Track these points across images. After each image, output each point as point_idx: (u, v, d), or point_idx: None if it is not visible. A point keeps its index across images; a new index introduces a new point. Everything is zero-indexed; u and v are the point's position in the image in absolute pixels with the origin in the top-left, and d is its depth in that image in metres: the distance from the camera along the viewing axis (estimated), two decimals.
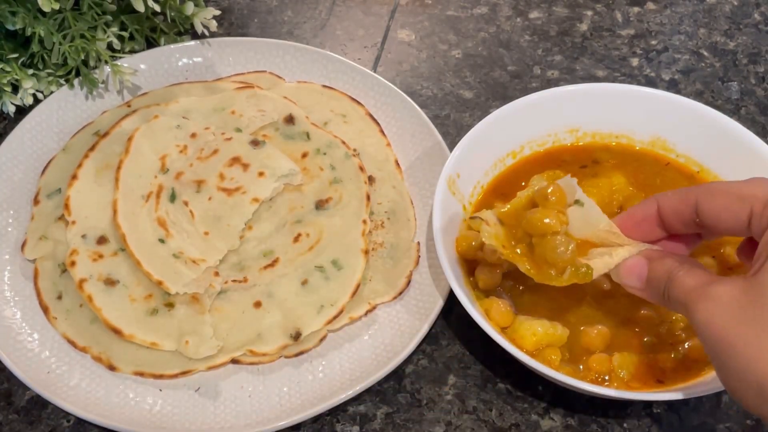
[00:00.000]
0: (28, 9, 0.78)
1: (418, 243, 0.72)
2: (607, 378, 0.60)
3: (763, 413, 0.44)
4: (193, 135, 0.77)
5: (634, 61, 0.91)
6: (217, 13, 0.87)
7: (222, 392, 0.64)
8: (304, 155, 0.77)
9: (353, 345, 0.67)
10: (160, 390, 0.64)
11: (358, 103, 0.82)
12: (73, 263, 0.69)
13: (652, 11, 0.96)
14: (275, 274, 0.69)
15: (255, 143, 0.75)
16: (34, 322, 0.68)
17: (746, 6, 0.97)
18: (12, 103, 0.82)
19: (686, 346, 0.61)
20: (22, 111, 0.82)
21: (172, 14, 0.86)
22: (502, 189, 0.71)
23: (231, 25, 0.94)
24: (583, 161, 0.73)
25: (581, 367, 0.60)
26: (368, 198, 0.73)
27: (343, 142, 0.77)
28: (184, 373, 0.65)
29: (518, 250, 0.58)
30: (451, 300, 0.66)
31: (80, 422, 0.64)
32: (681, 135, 0.72)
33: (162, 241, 0.69)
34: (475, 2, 0.97)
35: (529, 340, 0.60)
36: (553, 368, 0.58)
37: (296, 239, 0.71)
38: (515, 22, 0.95)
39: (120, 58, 0.84)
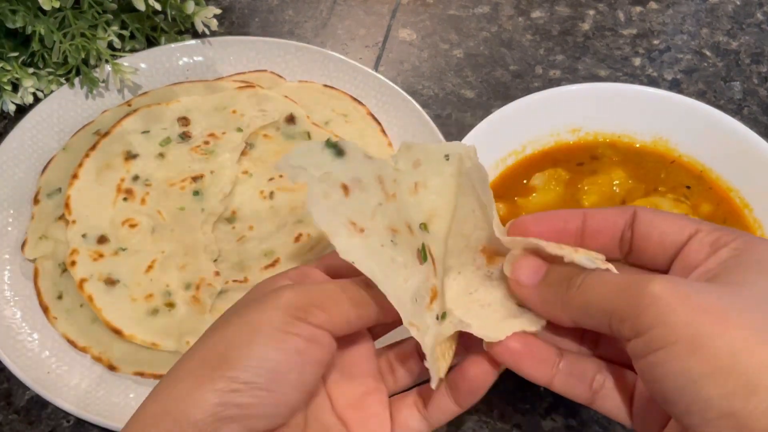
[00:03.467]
0: (28, 7, 0.78)
1: None
2: None
3: (733, 408, 0.33)
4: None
5: (637, 61, 0.90)
6: (218, 12, 0.87)
7: None
8: None
9: None
10: None
11: (360, 102, 0.82)
12: (73, 263, 0.68)
13: (654, 11, 0.96)
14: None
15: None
16: (34, 321, 0.68)
17: (749, 6, 0.97)
18: (12, 102, 0.82)
19: None
20: (22, 110, 0.82)
21: (173, 13, 0.86)
22: (503, 189, 0.71)
23: (232, 24, 0.94)
24: (582, 159, 0.72)
25: None
26: None
27: None
28: None
29: None
30: None
31: (80, 422, 0.64)
32: (683, 135, 0.72)
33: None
34: (476, 1, 0.96)
35: None
36: None
37: (297, 239, 0.71)
38: (517, 21, 0.94)
39: (120, 57, 0.83)
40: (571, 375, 0.45)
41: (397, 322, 0.43)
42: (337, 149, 0.40)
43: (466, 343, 0.45)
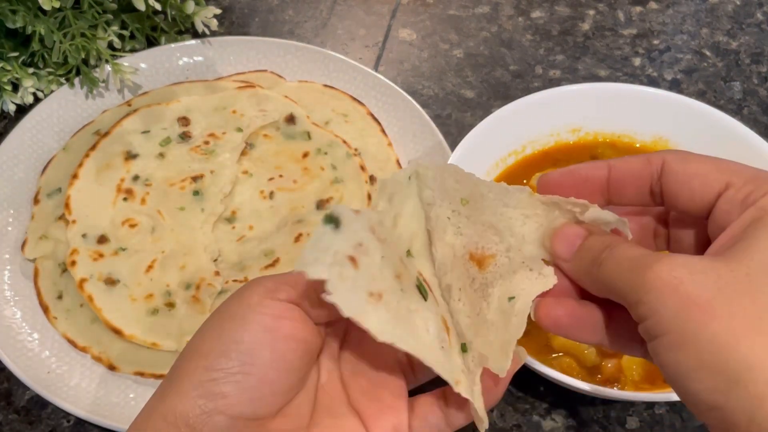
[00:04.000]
0: (28, 7, 0.78)
1: None
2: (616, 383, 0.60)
3: (717, 402, 0.34)
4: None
5: (637, 61, 0.90)
6: (218, 12, 0.87)
7: None
8: (305, 155, 0.77)
9: None
10: None
11: (360, 102, 0.82)
12: (73, 263, 0.68)
13: (654, 11, 0.96)
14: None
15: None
16: (34, 321, 0.68)
17: (749, 6, 0.97)
18: (12, 102, 0.82)
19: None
20: (22, 110, 0.82)
21: (173, 13, 0.86)
22: None
23: (232, 24, 0.94)
24: (582, 158, 0.72)
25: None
26: (369, 198, 0.73)
27: (344, 142, 0.77)
28: None
29: None
30: None
31: (80, 422, 0.64)
32: (683, 135, 0.72)
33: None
34: (476, 1, 0.96)
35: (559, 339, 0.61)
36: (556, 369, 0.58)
37: (297, 239, 0.71)
38: (517, 21, 0.94)
39: (120, 57, 0.83)
40: (619, 334, 0.44)
41: None
42: (335, 222, 0.39)
43: None
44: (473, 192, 0.46)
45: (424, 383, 0.47)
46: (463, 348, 0.44)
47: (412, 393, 0.46)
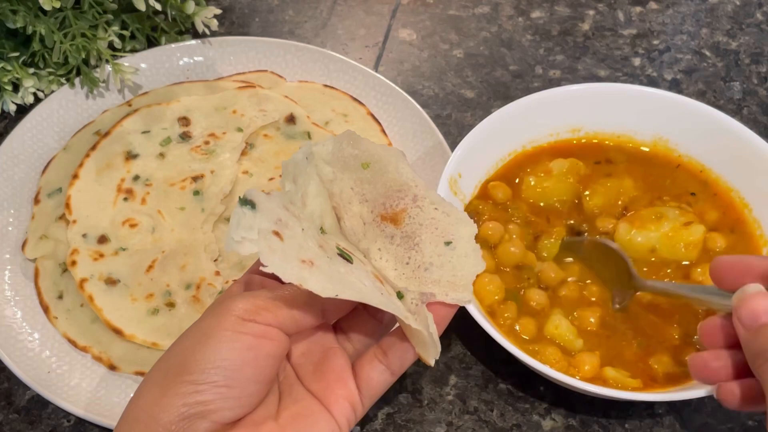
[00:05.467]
0: (29, 7, 0.78)
1: None
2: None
3: None
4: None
5: (636, 61, 0.90)
6: (218, 12, 0.87)
7: None
8: None
9: None
10: None
11: (360, 102, 0.82)
12: (73, 263, 0.68)
13: (654, 11, 0.96)
14: None
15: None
16: (34, 321, 0.68)
17: (748, 6, 0.97)
18: (13, 102, 0.82)
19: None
20: (22, 110, 0.82)
21: (173, 13, 0.86)
22: (510, 172, 0.71)
23: (232, 24, 0.94)
24: (582, 159, 0.72)
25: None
26: None
27: None
28: None
29: None
30: None
31: (80, 422, 0.64)
32: (683, 135, 0.72)
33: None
34: (476, 1, 0.96)
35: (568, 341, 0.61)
36: (555, 368, 0.58)
37: None
38: (517, 21, 0.94)
39: (121, 57, 0.83)
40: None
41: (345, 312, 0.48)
42: (250, 204, 0.43)
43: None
44: (371, 155, 0.50)
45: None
46: (399, 295, 0.47)
47: None
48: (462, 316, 0.60)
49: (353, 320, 0.50)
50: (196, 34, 0.88)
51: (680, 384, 0.59)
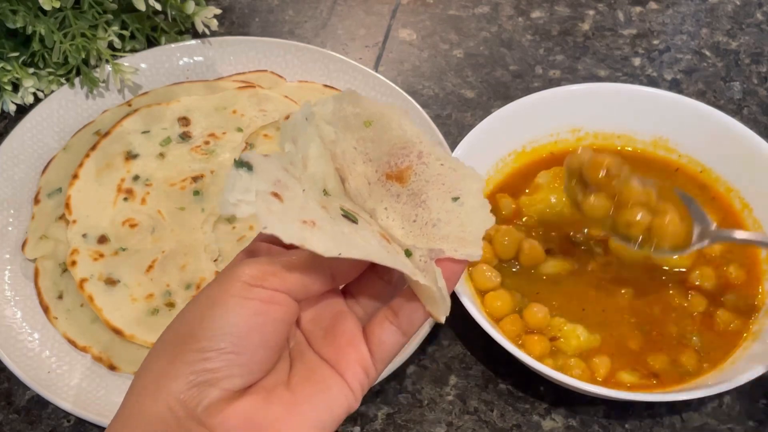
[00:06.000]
0: (28, 7, 0.78)
1: None
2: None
3: None
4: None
5: (636, 61, 0.90)
6: (218, 12, 0.87)
7: None
8: None
9: None
10: None
11: None
12: (73, 263, 0.68)
13: (654, 11, 0.96)
14: None
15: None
16: (34, 321, 0.68)
17: (749, 6, 0.97)
18: (12, 102, 0.82)
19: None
20: (22, 110, 0.82)
21: (173, 13, 0.86)
22: (504, 188, 0.71)
23: (232, 24, 0.94)
24: None
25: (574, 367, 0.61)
26: None
27: None
28: None
29: None
30: (453, 300, 0.66)
31: (80, 422, 0.64)
32: (683, 135, 0.72)
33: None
34: (476, 1, 0.96)
35: (574, 343, 0.61)
36: (554, 368, 0.58)
37: None
38: (517, 21, 0.94)
39: (121, 57, 0.83)
40: None
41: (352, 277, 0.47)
42: (246, 165, 0.41)
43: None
44: (373, 112, 0.48)
45: None
46: (407, 253, 0.46)
47: None
48: (462, 316, 0.60)
49: (362, 283, 0.49)
50: (196, 34, 0.88)
51: (680, 384, 0.59)
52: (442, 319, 0.44)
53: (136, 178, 0.74)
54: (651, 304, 0.63)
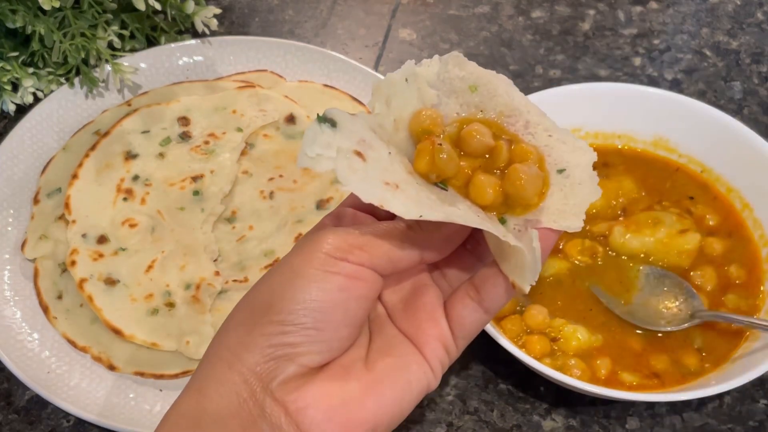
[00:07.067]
0: (28, 7, 0.78)
1: None
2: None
3: None
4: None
5: (637, 61, 0.90)
6: (218, 11, 0.87)
7: None
8: None
9: None
10: (161, 390, 0.64)
11: (360, 102, 0.82)
12: (73, 263, 0.68)
13: (654, 10, 0.96)
14: None
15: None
16: (34, 321, 0.68)
17: (749, 5, 0.97)
18: (12, 102, 0.82)
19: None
20: (22, 110, 0.82)
21: (173, 13, 0.86)
22: None
23: (232, 23, 0.94)
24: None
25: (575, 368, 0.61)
26: None
27: None
28: (184, 373, 0.65)
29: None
30: None
31: (80, 422, 0.64)
32: (684, 135, 0.72)
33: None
34: (476, 1, 0.96)
35: (575, 344, 0.61)
36: (555, 368, 0.58)
37: (297, 239, 0.71)
38: (517, 21, 0.94)
39: (120, 56, 0.83)
40: None
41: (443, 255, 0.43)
42: (330, 122, 0.39)
43: None
44: (479, 77, 0.45)
45: None
46: (501, 220, 0.42)
47: None
48: None
49: (451, 256, 0.45)
50: (195, 34, 0.88)
51: (681, 384, 0.59)
52: (527, 288, 0.41)
53: (135, 178, 0.74)
54: None
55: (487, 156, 0.44)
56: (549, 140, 0.45)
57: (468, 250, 0.46)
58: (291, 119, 0.79)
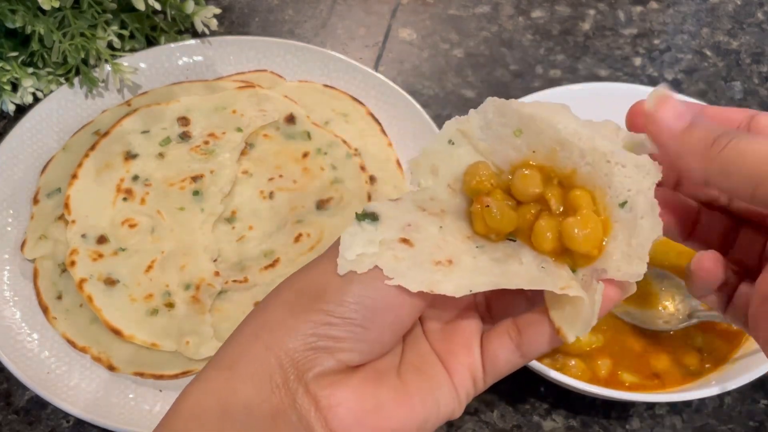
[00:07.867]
0: (28, 7, 0.78)
1: None
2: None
3: None
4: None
5: (637, 61, 0.90)
6: (218, 11, 0.87)
7: None
8: (305, 155, 0.77)
9: None
10: (160, 390, 0.64)
11: (360, 102, 0.82)
12: (73, 263, 0.68)
13: (654, 10, 0.96)
14: (276, 274, 0.69)
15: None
16: (33, 322, 0.68)
17: (749, 5, 0.97)
18: (12, 102, 0.82)
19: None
20: (21, 110, 0.82)
21: (173, 13, 0.85)
22: None
23: (231, 23, 0.94)
24: None
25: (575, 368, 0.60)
26: (369, 198, 0.73)
27: (344, 142, 0.77)
28: (184, 374, 0.65)
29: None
30: None
31: (80, 422, 0.64)
32: None
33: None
34: (476, 1, 0.96)
35: (575, 344, 0.61)
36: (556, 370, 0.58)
37: (297, 239, 0.71)
38: (517, 21, 0.94)
39: (120, 56, 0.83)
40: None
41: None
42: (371, 216, 0.39)
43: None
44: (521, 118, 0.43)
45: None
46: (572, 269, 0.41)
47: None
48: None
49: (501, 291, 0.43)
50: (195, 34, 0.88)
51: (681, 384, 0.59)
52: (572, 339, 0.39)
53: (135, 178, 0.74)
54: None
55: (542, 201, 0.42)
56: (608, 167, 0.41)
57: (521, 290, 0.44)
58: (291, 119, 0.79)
